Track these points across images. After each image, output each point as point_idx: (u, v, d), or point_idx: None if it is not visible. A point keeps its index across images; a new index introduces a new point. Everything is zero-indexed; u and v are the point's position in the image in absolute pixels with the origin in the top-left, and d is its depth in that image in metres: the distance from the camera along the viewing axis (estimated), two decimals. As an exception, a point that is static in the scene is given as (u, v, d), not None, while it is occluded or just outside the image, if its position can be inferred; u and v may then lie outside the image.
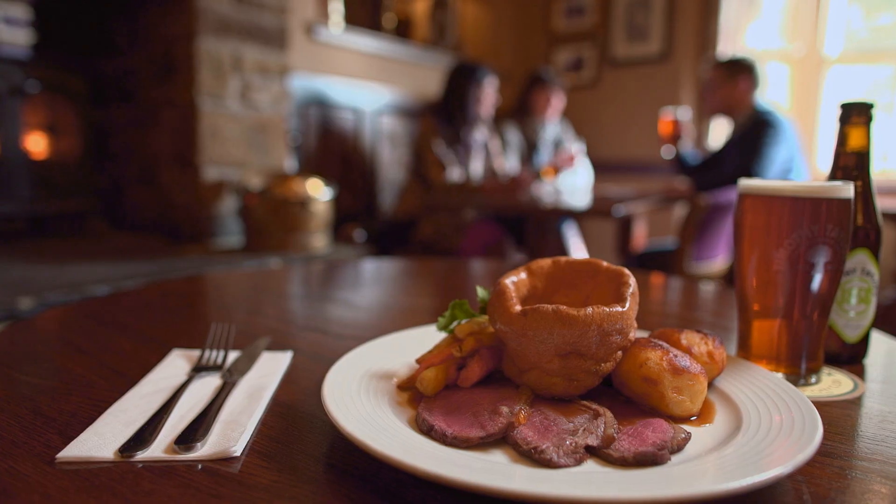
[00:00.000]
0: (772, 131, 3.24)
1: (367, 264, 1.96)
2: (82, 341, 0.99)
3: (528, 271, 0.77)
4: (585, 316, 0.64)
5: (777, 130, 3.27)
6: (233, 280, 1.58)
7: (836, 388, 0.82)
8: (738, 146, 3.48)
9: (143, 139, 3.71)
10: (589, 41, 6.25)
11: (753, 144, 3.32)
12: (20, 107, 3.26)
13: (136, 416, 0.69)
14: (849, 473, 0.59)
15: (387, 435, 0.58)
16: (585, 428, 0.60)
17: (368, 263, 1.99)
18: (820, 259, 0.78)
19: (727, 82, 3.53)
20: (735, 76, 3.49)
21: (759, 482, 0.50)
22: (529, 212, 3.77)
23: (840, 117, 0.91)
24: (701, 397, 0.66)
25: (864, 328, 0.91)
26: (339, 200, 4.48)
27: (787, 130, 3.32)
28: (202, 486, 0.56)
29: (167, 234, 3.63)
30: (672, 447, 0.58)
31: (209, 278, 1.54)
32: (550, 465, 0.55)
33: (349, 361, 0.78)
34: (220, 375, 0.82)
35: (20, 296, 2.14)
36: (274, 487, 0.56)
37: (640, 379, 0.66)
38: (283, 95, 3.74)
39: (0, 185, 3.19)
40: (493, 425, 0.61)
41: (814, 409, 0.63)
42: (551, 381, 0.67)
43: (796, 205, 0.78)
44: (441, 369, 0.71)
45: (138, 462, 0.60)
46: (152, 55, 3.53)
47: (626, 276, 0.71)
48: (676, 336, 0.75)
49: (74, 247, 3.28)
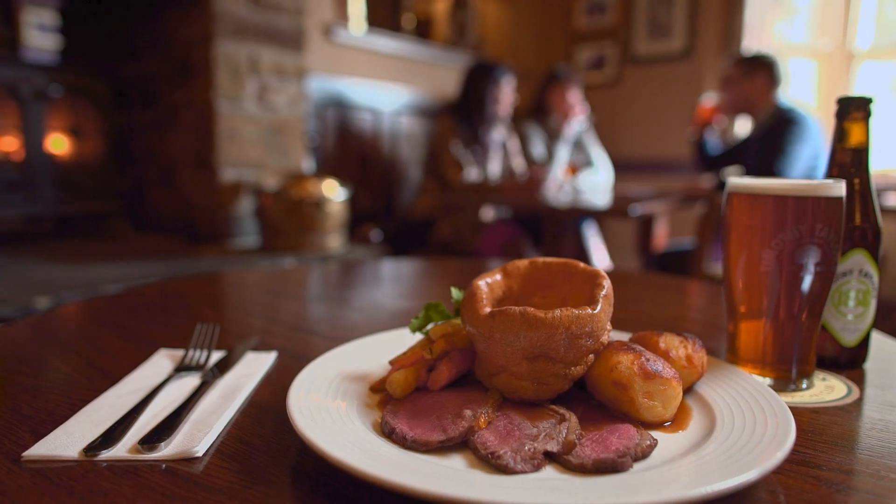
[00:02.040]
0: (796, 128, 3.15)
1: (377, 265, 1.96)
2: (75, 340, 1.01)
3: (504, 272, 0.76)
4: (553, 318, 0.62)
5: (801, 128, 3.18)
6: (234, 280, 1.60)
7: (827, 393, 0.79)
8: (759, 144, 3.40)
9: (163, 141, 3.78)
10: (610, 39, 6.18)
11: (777, 142, 3.24)
12: (45, 111, 3.34)
13: (108, 415, 0.70)
14: (824, 484, 0.57)
15: (344, 438, 0.57)
16: (547, 433, 0.58)
17: (379, 264, 1.99)
18: (808, 260, 0.75)
19: (744, 79, 3.45)
20: (752, 72, 3.41)
21: (716, 492, 0.48)
22: (546, 211, 3.74)
23: (838, 112, 0.88)
24: (674, 402, 0.64)
25: (862, 331, 0.88)
26: (358, 201, 4.51)
27: (812, 128, 3.23)
28: (158, 486, 0.56)
29: (186, 235, 3.69)
30: (636, 454, 0.56)
31: (210, 278, 1.56)
32: (507, 471, 0.54)
33: (325, 362, 0.78)
34: (200, 375, 0.82)
35: (38, 295, 2.20)
36: (229, 489, 0.56)
37: (610, 383, 0.64)
38: (300, 97, 3.77)
39: (25, 187, 3.28)
40: (454, 429, 0.60)
41: (789, 417, 0.61)
42: (520, 384, 0.66)
43: (783, 204, 0.75)
44: (411, 371, 0.70)
45: (103, 461, 0.60)
46: (172, 58, 3.59)
47: (601, 277, 0.70)
48: (655, 339, 0.73)
49: (95, 247, 3.35)
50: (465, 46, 5.79)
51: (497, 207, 4.23)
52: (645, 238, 4.50)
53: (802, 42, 5.30)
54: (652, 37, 5.87)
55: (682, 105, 5.66)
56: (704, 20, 5.53)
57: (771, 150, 3.26)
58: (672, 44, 5.73)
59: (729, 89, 3.62)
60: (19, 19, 5.07)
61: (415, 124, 5.12)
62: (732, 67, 3.56)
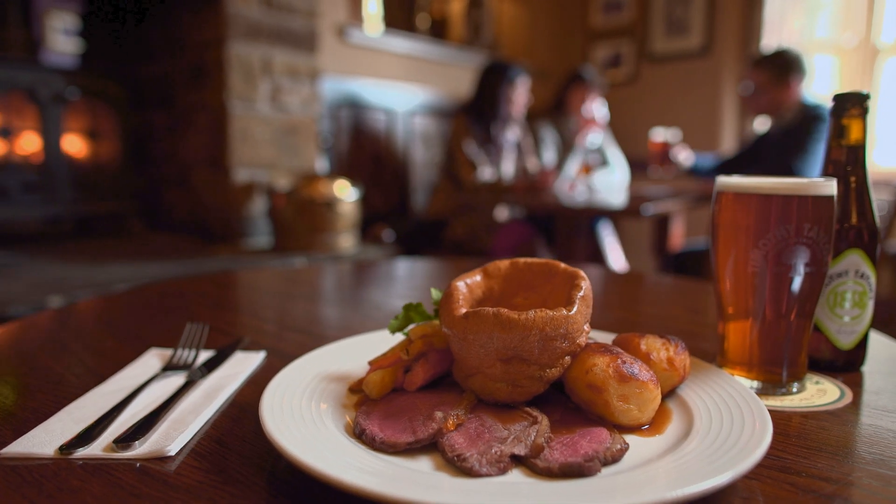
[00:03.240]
0: (822, 126, 3.07)
1: (384, 265, 1.96)
2: (70, 339, 1.02)
3: (485, 273, 0.75)
4: (526, 320, 0.61)
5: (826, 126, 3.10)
6: (236, 280, 1.61)
7: (819, 397, 0.77)
8: (780, 142, 3.32)
9: (178, 142, 3.83)
10: (627, 37, 6.12)
11: (799, 140, 3.16)
12: (63, 113, 3.41)
13: (89, 414, 0.70)
14: (801, 491, 0.55)
15: (311, 439, 0.57)
16: (516, 436, 0.58)
17: (387, 264, 1.99)
18: (797, 260, 0.73)
19: (777, 85, 3.33)
20: (786, 77, 3.29)
21: (679, 498, 0.47)
22: (559, 211, 3.71)
23: (833, 109, 0.86)
24: (651, 406, 0.63)
25: (859, 333, 0.86)
26: (372, 201, 4.52)
27: (836, 126, 3.15)
28: (127, 484, 0.56)
29: (200, 235, 3.73)
30: (605, 458, 0.55)
31: (212, 278, 1.57)
32: (472, 474, 0.53)
33: (307, 362, 0.78)
34: (186, 375, 0.83)
35: (51, 294, 2.24)
36: (197, 488, 0.56)
37: (585, 386, 0.63)
38: (312, 97, 3.80)
39: (44, 188, 3.35)
40: (424, 431, 0.59)
41: (767, 421, 0.59)
42: (495, 386, 0.65)
43: (771, 203, 0.73)
44: (389, 372, 0.70)
45: (78, 460, 0.61)
46: (187, 60, 3.64)
47: (580, 278, 0.69)
48: (637, 341, 0.71)
49: (111, 247, 3.41)
50: (480, 46, 5.77)
51: (511, 207, 4.21)
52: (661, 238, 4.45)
53: (824, 38, 5.20)
54: (669, 34, 5.80)
55: (699, 102, 5.59)
56: (723, 16, 5.45)
57: (793, 148, 3.18)
58: (690, 41, 5.66)
59: (758, 96, 3.49)
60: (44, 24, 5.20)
61: (429, 124, 5.13)
62: (759, 71, 3.44)
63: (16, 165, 3.33)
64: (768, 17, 5.25)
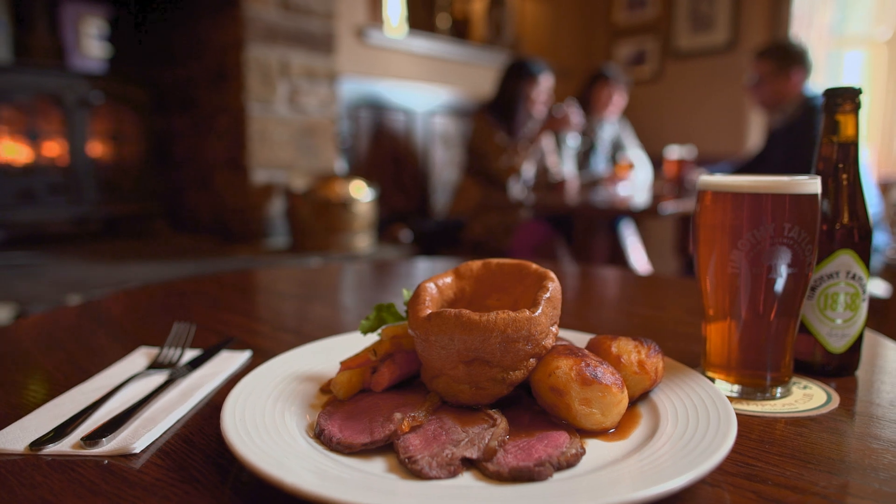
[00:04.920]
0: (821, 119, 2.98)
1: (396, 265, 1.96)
2: (67, 338, 1.05)
3: (456, 274, 0.75)
4: (487, 321, 0.61)
5: None
6: (238, 280, 1.63)
7: (803, 402, 0.75)
8: (785, 139, 3.24)
9: (200, 145, 3.90)
10: (651, 33, 6.03)
11: (806, 135, 3.07)
12: (87, 117, 3.50)
13: (67, 411, 0.72)
14: (764, 500, 0.53)
15: (266, 438, 0.57)
16: (470, 439, 0.57)
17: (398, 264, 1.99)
18: (777, 261, 0.71)
19: (778, 76, 3.27)
20: (787, 68, 3.23)
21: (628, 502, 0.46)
22: (577, 211, 3.68)
23: (824, 105, 0.83)
24: (615, 410, 0.62)
25: (851, 337, 0.83)
26: (391, 201, 4.54)
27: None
28: (87, 481, 0.57)
29: (221, 235, 3.79)
30: (559, 463, 0.54)
31: (215, 278, 1.60)
32: (421, 476, 0.53)
33: (283, 361, 0.79)
34: (169, 373, 0.84)
35: (71, 293, 2.30)
36: (153, 486, 0.56)
37: (548, 389, 0.62)
38: (330, 99, 3.83)
39: (70, 190, 3.44)
40: (381, 432, 0.59)
41: (731, 426, 0.58)
42: (459, 388, 0.65)
43: (750, 202, 0.71)
44: (357, 373, 0.70)
45: (48, 456, 0.62)
46: (207, 64, 3.70)
47: (548, 279, 0.68)
48: (608, 343, 0.70)
49: (134, 248, 3.49)
50: (502, 45, 5.75)
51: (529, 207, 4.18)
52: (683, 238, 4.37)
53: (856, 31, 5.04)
54: (694, 30, 5.70)
55: (725, 100, 5.47)
56: (749, 11, 5.33)
57: (800, 144, 3.10)
58: (715, 37, 5.55)
59: (759, 87, 3.44)
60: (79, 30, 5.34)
61: (449, 124, 5.12)
62: (761, 63, 3.39)
63: (43, 168, 3.43)
64: (797, 10, 5.11)
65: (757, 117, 5.41)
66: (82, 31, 5.31)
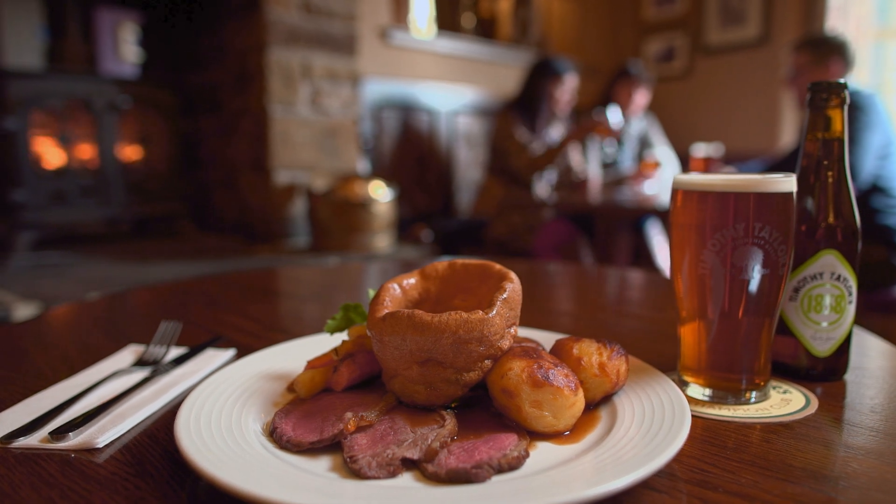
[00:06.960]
0: (863, 115, 2.87)
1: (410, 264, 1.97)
2: (64, 336, 1.08)
3: (422, 274, 0.75)
4: (439, 322, 0.61)
5: (870, 113, 2.88)
6: (240, 280, 1.65)
7: (779, 407, 0.73)
8: None
9: (226, 146, 3.98)
10: (680, 29, 5.92)
11: None
12: (116, 121, 3.61)
13: (46, 405, 0.74)
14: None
15: (214, 436, 0.58)
16: (414, 440, 0.57)
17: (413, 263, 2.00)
18: (749, 262, 0.69)
19: (817, 68, 3.16)
20: (825, 59, 3.13)
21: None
22: (599, 210, 3.63)
23: (809, 100, 0.80)
24: (567, 413, 0.61)
25: (837, 340, 0.80)
26: (415, 201, 4.56)
27: (882, 113, 2.93)
28: (46, 474, 0.59)
29: (245, 235, 3.87)
30: (500, 465, 0.54)
31: (217, 278, 1.63)
32: (360, 476, 0.53)
33: (256, 360, 0.80)
34: (151, 371, 0.86)
35: (92, 292, 2.38)
36: (108, 480, 0.58)
37: (500, 391, 0.62)
38: (353, 100, 3.86)
39: (100, 191, 3.56)
40: (329, 431, 0.59)
41: (682, 431, 0.56)
42: (414, 388, 0.65)
43: (714, 201, 0.69)
44: (320, 372, 0.71)
45: (17, 449, 0.64)
46: (231, 67, 3.78)
47: (506, 280, 0.67)
48: (570, 345, 0.69)
49: (158, 247, 3.59)
50: (528, 44, 5.72)
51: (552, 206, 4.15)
52: (711, 237, 4.26)
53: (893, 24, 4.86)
54: (725, 24, 5.57)
55: (757, 95, 5.34)
56: (781, 4, 5.18)
57: None
58: (746, 31, 5.41)
59: (799, 80, 3.33)
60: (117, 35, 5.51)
61: (474, 124, 5.12)
62: (799, 54, 3.28)
63: (74, 171, 3.55)
64: (832, 1, 4.95)
65: (791, 114, 5.26)
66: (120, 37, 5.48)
